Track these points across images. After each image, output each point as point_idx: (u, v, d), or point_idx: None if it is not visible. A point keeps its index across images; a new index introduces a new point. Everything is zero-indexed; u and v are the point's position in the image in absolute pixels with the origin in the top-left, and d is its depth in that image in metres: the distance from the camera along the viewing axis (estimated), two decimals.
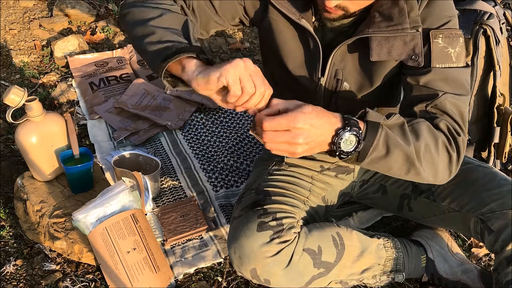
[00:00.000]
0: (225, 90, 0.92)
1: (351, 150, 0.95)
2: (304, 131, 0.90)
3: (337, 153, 0.95)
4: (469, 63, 1.13)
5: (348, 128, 0.92)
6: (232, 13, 1.19)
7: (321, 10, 1.05)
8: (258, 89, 0.90)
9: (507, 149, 1.58)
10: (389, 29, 1.04)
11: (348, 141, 0.94)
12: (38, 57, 2.27)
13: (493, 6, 1.50)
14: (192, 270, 1.35)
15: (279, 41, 1.18)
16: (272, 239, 1.07)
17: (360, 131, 0.94)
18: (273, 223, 1.09)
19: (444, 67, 1.04)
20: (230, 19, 1.20)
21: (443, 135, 1.01)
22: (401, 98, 1.14)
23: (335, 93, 1.17)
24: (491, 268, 1.38)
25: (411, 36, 1.04)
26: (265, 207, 1.13)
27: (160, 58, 0.97)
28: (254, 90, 0.89)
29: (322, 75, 1.15)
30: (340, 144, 0.94)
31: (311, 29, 1.10)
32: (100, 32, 2.43)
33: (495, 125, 1.55)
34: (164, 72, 0.99)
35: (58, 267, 1.34)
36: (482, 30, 1.46)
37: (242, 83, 0.88)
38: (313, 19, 1.13)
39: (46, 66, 2.21)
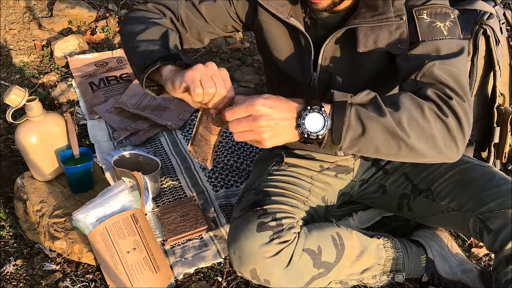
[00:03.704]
0: None
1: (319, 129, 0.91)
2: (264, 113, 0.89)
3: (306, 135, 0.91)
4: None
5: (309, 108, 0.90)
6: (223, 21, 1.24)
7: (309, 2, 1.06)
8: (218, 89, 0.92)
9: (507, 149, 1.58)
10: (374, 19, 1.04)
11: (314, 121, 0.91)
12: (38, 57, 2.27)
13: (493, 6, 1.49)
14: (192, 270, 1.35)
15: (271, 41, 1.20)
16: (271, 240, 1.07)
17: (323, 109, 0.91)
18: (273, 223, 1.09)
19: (435, 39, 1.01)
20: (222, 27, 1.25)
21: (430, 102, 0.95)
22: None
23: (329, 88, 1.18)
24: (491, 268, 1.38)
25: (397, 25, 1.05)
26: (264, 207, 1.13)
27: (140, 69, 1.05)
28: (214, 89, 0.91)
29: (315, 70, 1.16)
30: (305, 124, 0.91)
31: (301, 27, 1.12)
32: (100, 32, 2.43)
33: (495, 125, 1.55)
34: (148, 81, 1.07)
35: (58, 267, 1.34)
36: (482, 30, 1.46)
37: (202, 83, 0.91)
38: (304, 16, 1.15)
39: (46, 66, 2.21)
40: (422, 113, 0.93)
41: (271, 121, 0.90)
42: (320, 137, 0.92)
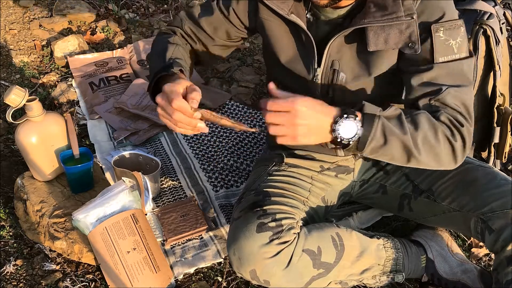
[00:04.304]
0: None
1: (352, 136, 0.99)
2: (303, 113, 0.95)
3: (339, 140, 0.99)
4: (472, 52, 1.16)
5: (345, 115, 0.98)
6: (225, 30, 1.27)
7: None
8: (175, 118, 1.00)
9: (507, 149, 1.58)
10: (384, 18, 1.06)
11: (348, 128, 0.98)
12: (38, 57, 2.27)
13: (493, 6, 1.49)
14: (192, 270, 1.35)
15: (273, 38, 1.21)
16: (271, 240, 1.07)
17: (357, 118, 0.99)
18: (273, 224, 1.09)
19: (447, 61, 1.07)
20: (225, 37, 1.29)
21: (444, 126, 1.04)
22: (404, 92, 1.17)
23: (331, 84, 1.18)
24: (491, 268, 1.38)
25: (407, 24, 1.06)
26: (264, 208, 1.13)
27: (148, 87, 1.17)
28: (175, 122, 1.01)
29: (319, 66, 1.16)
30: (339, 130, 0.98)
31: (301, 23, 1.13)
32: (100, 32, 2.43)
33: (495, 125, 1.55)
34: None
35: (58, 267, 1.34)
36: (482, 30, 1.46)
37: (170, 122, 1.02)
38: (306, 13, 1.16)
39: (46, 66, 2.21)
40: (435, 135, 1.03)
41: (308, 120, 0.96)
42: (351, 143, 1.00)
